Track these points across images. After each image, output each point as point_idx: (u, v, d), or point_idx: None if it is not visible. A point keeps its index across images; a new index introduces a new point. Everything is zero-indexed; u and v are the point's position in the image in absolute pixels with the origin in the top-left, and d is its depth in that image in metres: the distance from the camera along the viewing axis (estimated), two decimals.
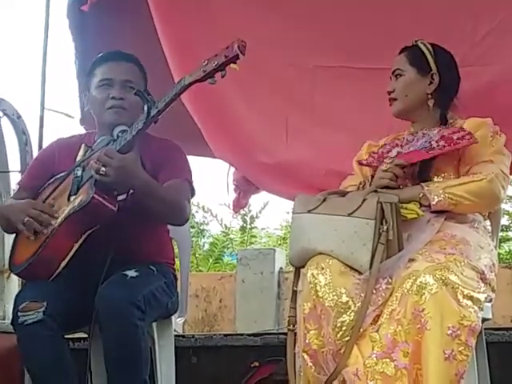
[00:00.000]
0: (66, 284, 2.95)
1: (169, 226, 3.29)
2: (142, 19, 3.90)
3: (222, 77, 2.76)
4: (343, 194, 2.98)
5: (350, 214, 2.79)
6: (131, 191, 2.92)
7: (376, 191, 2.87)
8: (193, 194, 3.16)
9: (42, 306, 2.83)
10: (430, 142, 2.98)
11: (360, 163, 3.21)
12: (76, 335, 3.47)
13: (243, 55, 2.72)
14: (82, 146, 3.15)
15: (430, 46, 3.15)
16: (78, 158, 3.10)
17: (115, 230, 2.91)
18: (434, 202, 2.86)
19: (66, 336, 2.98)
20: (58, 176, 3.12)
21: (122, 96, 3.11)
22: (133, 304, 2.81)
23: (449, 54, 3.18)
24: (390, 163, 2.97)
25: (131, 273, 2.94)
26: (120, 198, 2.94)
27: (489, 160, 2.93)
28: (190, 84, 2.82)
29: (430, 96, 3.11)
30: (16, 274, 3.14)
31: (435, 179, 2.98)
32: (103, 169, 2.83)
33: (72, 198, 2.99)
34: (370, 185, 3.01)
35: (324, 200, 2.91)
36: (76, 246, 2.93)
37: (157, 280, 3.04)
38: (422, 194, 2.89)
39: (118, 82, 3.13)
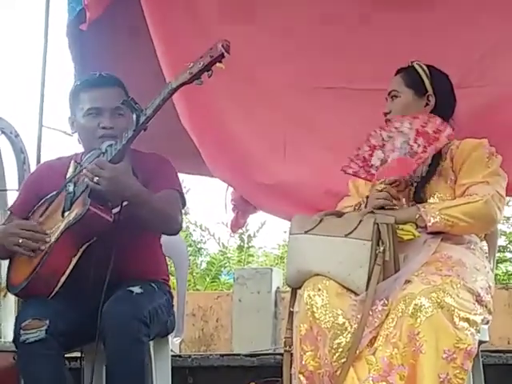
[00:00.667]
0: (66, 302, 2.94)
1: (166, 245, 3.29)
2: (141, 39, 3.91)
3: (209, 77, 2.78)
4: (340, 214, 2.98)
5: (346, 235, 2.80)
6: (125, 203, 2.92)
7: (372, 212, 2.87)
8: (184, 204, 3.15)
9: (45, 325, 2.82)
10: (408, 142, 2.97)
11: (345, 172, 3.15)
12: (72, 354, 3.45)
13: (228, 54, 2.74)
14: (72, 162, 3.15)
15: (425, 68, 3.16)
16: (69, 174, 3.10)
17: (112, 245, 2.90)
18: (430, 224, 2.86)
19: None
20: (48, 196, 3.11)
21: (113, 125, 3.08)
22: (140, 320, 2.82)
23: (445, 76, 3.19)
24: (383, 182, 2.96)
25: (136, 289, 2.94)
26: (114, 210, 2.95)
27: (485, 181, 2.93)
28: (178, 87, 2.83)
29: None
30: (15, 295, 3.12)
31: (431, 200, 2.98)
32: (96, 178, 2.83)
33: (66, 214, 2.99)
34: (366, 205, 3.00)
35: (321, 221, 2.91)
36: (74, 260, 2.93)
37: (159, 297, 3.05)
38: (418, 215, 2.89)
39: (108, 110, 3.09)
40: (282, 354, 2.93)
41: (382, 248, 2.74)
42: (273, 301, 6.67)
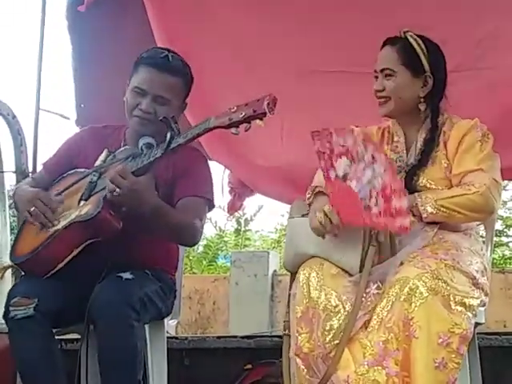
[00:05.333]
0: (62, 282, 2.95)
1: None
2: (138, 23, 3.91)
3: (246, 130, 2.75)
4: None
5: None
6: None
7: None
8: (210, 209, 3.14)
9: (33, 303, 2.85)
10: (371, 189, 2.67)
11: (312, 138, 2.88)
12: (69, 336, 3.46)
13: (271, 114, 2.70)
14: (105, 150, 3.11)
15: (421, 42, 2.95)
16: (98, 163, 3.08)
17: (117, 239, 2.91)
18: (425, 214, 2.81)
19: (59, 337, 2.99)
20: (78, 171, 3.11)
21: (151, 111, 3.04)
22: (128, 305, 2.82)
23: (438, 48, 3.00)
24: (325, 215, 2.76)
25: (126, 275, 2.94)
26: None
27: (479, 168, 2.84)
28: (214, 128, 2.81)
29: (422, 99, 2.96)
30: (15, 265, 3.15)
31: (423, 189, 2.89)
32: (117, 190, 2.82)
33: (82, 203, 2.99)
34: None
35: None
36: (75, 252, 2.93)
37: (151, 283, 3.04)
38: (414, 204, 2.82)
39: (151, 95, 3.04)
40: (278, 337, 2.95)
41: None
42: (269, 284, 6.69)
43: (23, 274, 3.11)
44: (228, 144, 3.96)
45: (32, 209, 2.98)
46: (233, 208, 4.42)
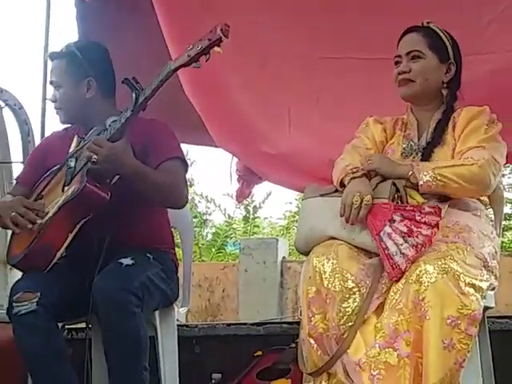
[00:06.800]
0: (64, 273, 2.97)
1: (171, 216, 3.29)
2: (147, 14, 3.90)
3: (206, 60, 2.76)
4: None
5: None
6: (116, 178, 2.94)
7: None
8: (186, 169, 3.16)
9: (36, 297, 2.86)
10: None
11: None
12: (79, 325, 3.47)
13: (226, 38, 2.71)
14: (75, 137, 3.17)
15: (446, 33, 3.07)
16: (71, 149, 3.12)
17: (110, 218, 2.93)
18: (421, 182, 2.81)
19: (69, 326, 2.99)
20: (52, 169, 3.14)
21: (52, 98, 3.19)
22: (129, 292, 2.82)
23: (454, 39, 3.10)
24: (359, 203, 2.78)
25: (126, 261, 2.94)
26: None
27: (481, 146, 2.87)
28: (176, 69, 2.82)
29: (445, 85, 3.04)
30: (13, 266, 3.15)
31: None
32: (95, 156, 2.85)
33: (66, 189, 3.01)
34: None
35: (336, 190, 2.93)
36: (71, 236, 2.95)
37: (153, 267, 3.05)
38: (411, 172, 2.84)
39: (52, 84, 3.20)
40: (288, 323, 2.95)
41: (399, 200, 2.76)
42: (279, 270, 6.69)
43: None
44: (235, 131, 3.96)
45: (12, 214, 2.97)
46: (241, 196, 4.42)
